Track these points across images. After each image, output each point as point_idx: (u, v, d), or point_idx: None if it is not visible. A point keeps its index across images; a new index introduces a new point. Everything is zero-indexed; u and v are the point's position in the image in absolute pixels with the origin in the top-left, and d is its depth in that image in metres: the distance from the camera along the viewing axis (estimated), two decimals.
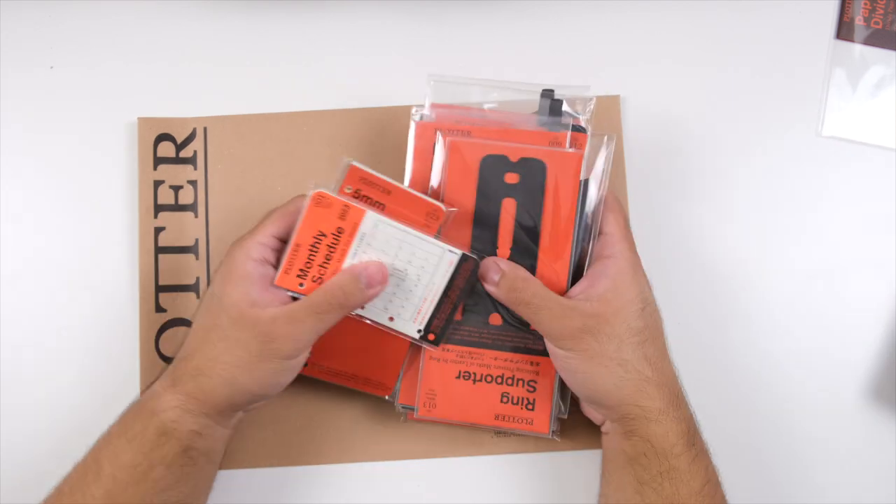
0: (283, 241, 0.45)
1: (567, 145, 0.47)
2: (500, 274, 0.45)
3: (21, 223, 0.54)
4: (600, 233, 0.47)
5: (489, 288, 0.46)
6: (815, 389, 0.53)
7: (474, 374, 0.49)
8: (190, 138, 0.54)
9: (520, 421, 0.49)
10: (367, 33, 0.57)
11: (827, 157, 0.55)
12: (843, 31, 0.56)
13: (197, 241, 0.53)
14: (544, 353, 0.47)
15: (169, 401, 0.42)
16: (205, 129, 0.55)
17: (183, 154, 0.54)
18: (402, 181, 0.47)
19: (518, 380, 0.48)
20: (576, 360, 0.44)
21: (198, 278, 0.53)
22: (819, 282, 0.54)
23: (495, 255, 0.47)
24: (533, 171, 0.47)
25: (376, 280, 0.44)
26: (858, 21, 0.56)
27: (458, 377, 0.49)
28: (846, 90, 0.56)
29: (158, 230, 0.53)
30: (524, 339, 0.48)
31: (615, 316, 0.43)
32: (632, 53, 0.56)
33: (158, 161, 0.54)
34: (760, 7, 0.57)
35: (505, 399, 0.49)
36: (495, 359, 0.49)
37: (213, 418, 0.43)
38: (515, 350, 0.49)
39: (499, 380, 0.48)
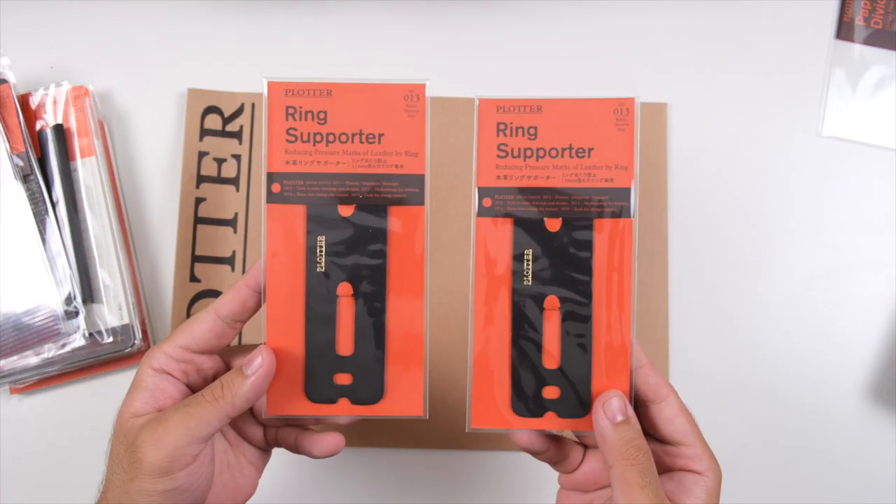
0: (196, 353, 0.39)
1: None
2: (626, 419, 0.36)
3: None
4: (671, 441, 0.38)
5: (601, 422, 0.36)
6: (815, 390, 0.53)
7: None
8: (237, 113, 0.55)
9: None
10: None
11: (827, 157, 0.55)
12: (843, 31, 0.56)
13: (236, 214, 0.54)
14: None
15: None
16: (253, 104, 0.55)
17: (229, 128, 0.55)
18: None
19: None
20: None
21: (234, 252, 0.54)
22: (819, 282, 0.54)
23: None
24: None
25: (256, 365, 0.36)
26: (858, 21, 0.56)
27: None
28: (846, 90, 0.56)
29: (199, 200, 0.54)
30: None
31: None
32: (630, 54, 0.56)
33: (205, 133, 0.55)
34: (760, 7, 0.57)
35: None
36: None
37: None
38: None
39: None
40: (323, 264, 0.38)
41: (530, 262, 0.37)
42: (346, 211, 0.38)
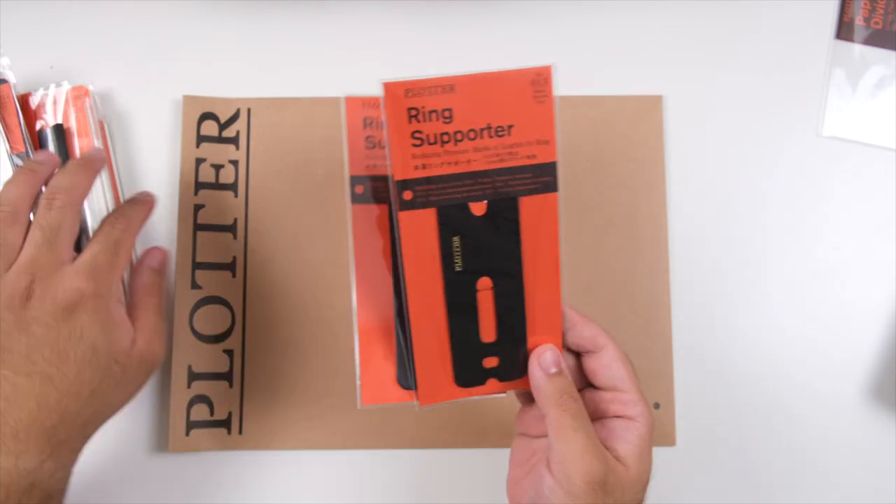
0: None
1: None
2: (559, 370, 0.38)
3: None
4: (608, 387, 0.39)
5: (535, 374, 0.38)
6: (815, 389, 0.53)
7: None
8: (233, 118, 0.55)
9: None
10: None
11: (827, 157, 0.55)
12: (843, 31, 0.56)
13: (236, 220, 0.54)
14: None
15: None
16: (248, 109, 0.55)
17: (226, 134, 0.55)
18: None
19: None
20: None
21: (234, 258, 0.53)
22: (819, 282, 0.54)
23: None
24: None
25: (162, 262, 0.50)
26: (858, 21, 0.56)
27: None
28: (846, 90, 0.56)
29: (198, 207, 0.54)
30: None
31: (631, 484, 0.37)
32: (630, 53, 0.56)
33: (201, 139, 0.54)
34: (760, 7, 0.57)
35: None
36: None
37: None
38: None
39: None
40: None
41: (459, 249, 0.37)
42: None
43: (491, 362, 0.39)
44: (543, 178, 0.36)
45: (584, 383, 0.40)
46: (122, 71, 0.56)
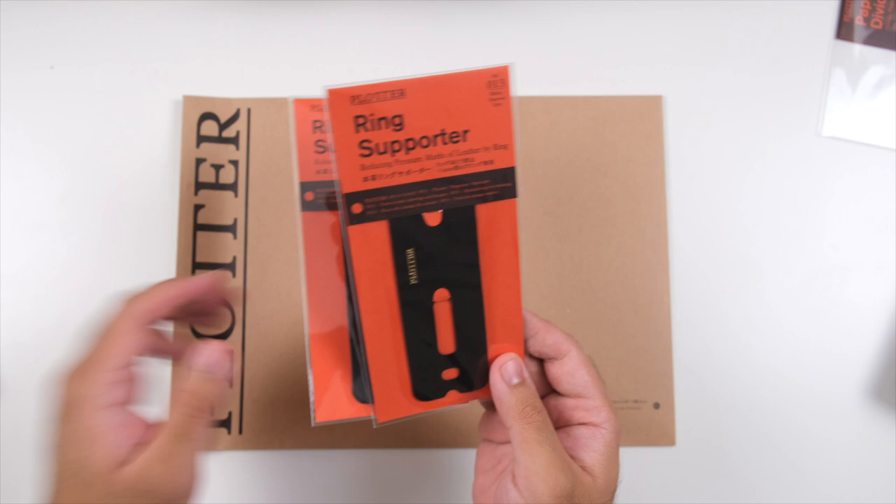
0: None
1: None
2: (522, 381, 0.37)
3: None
4: (572, 394, 0.38)
5: (497, 386, 0.37)
6: (816, 389, 0.53)
7: None
8: (233, 118, 0.55)
9: None
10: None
11: (827, 157, 0.55)
12: (843, 31, 0.56)
13: (236, 220, 0.54)
14: None
15: None
16: (248, 110, 0.55)
17: (226, 134, 0.55)
18: None
19: None
20: None
21: (234, 258, 0.54)
22: (819, 282, 0.54)
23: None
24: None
25: (218, 364, 0.37)
26: (858, 21, 0.56)
27: None
28: (846, 90, 0.56)
29: (198, 207, 0.54)
30: None
31: (599, 493, 0.36)
32: (630, 54, 0.56)
33: (201, 139, 0.55)
34: (760, 7, 0.57)
35: None
36: None
37: None
38: None
39: None
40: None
41: (413, 262, 0.35)
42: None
43: (451, 374, 0.37)
44: (502, 184, 0.35)
45: (548, 389, 0.39)
46: (122, 71, 0.56)
